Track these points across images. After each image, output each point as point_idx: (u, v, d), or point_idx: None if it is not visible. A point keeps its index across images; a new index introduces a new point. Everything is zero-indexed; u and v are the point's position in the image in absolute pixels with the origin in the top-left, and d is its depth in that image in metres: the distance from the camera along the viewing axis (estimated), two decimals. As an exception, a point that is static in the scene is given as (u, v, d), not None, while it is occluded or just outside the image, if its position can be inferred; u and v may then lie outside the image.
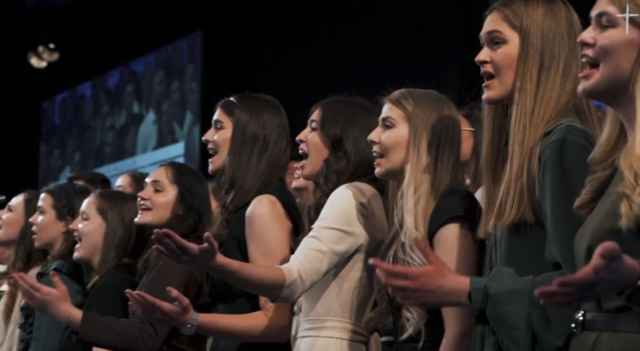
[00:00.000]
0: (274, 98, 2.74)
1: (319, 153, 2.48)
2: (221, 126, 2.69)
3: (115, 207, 3.12)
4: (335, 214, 2.34)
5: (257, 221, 2.51)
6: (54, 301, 2.72)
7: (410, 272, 1.75)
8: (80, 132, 9.58)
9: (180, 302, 2.37)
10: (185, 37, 8.27)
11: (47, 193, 3.43)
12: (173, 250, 2.14)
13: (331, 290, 2.39)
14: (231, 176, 2.62)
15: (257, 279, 2.25)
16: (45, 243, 3.38)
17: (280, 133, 2.67)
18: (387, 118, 2.27)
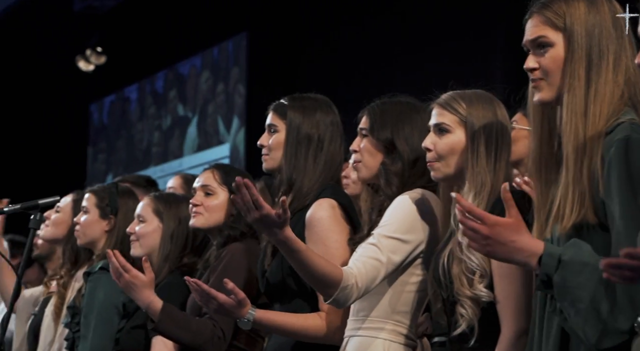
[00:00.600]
0: (324, 97, 2.74)
1: (374, 158, 2.48)
2: (275, 129, 2.70)
3: (171, 208, 3.16)
4: (396, 222, 2.34)
5: (318, 224, 2.52)
6: (139, 285, 2.77)
7: (488, 217, 1.75)
8: (126, 134, 9.69)
9: (235, 295, 2.39)
10: (230, 39, 8.32)
11: (90, 193, 3.49)
12: (247, 203, 2.15)
13: (385, 293, 2.39)
14: (289, 178, 2.63)
15: (318, 268, 2.25)
16: (88, 241, 3.44)
17: (334, 132, 2.68)
18: (441, 124, 2.26)
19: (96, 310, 3.19)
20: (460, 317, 2.12)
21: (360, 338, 2.38)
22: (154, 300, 2.78)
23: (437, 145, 2.24)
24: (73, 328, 3.30)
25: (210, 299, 2.40)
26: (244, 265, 2.83)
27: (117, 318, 3.21)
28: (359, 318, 2.41)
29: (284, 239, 2.20)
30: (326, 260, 2.32)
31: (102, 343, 3.16)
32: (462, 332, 2.13)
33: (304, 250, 2.24)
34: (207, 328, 2.77)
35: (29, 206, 3.12)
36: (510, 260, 1.82)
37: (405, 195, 2.38)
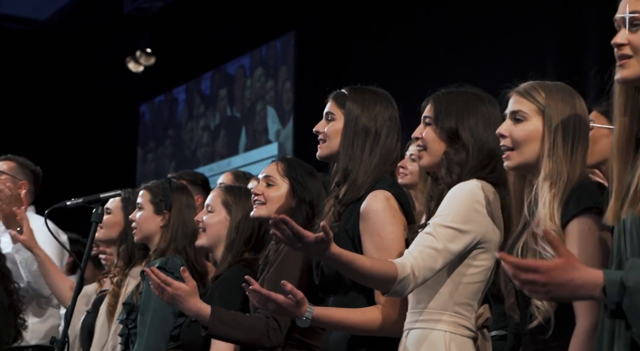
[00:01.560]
0: (385, 91, 2.73)
1: (437, 146, 2.46)
2: (332, 117, 2.71)
3: (240, 201, 3.18)
4: (453, 211, 2.32)
5: (373, 216, 2.52)
6: (184, 296, 2.76)
7: (540, 266, 1.72)
8: (175, 134, 9.77)
9: (294, 296, 2.39)
10: (278, 38, 8.34)
11: (145, 189, 3.51)
12: (289, 236, 2.17)
13: (444, 284, 2.38)
14: (344, 169, 2.63)
15: (371, 271, 2.25)
16: (144, 237, 3.45)
17: (391, 127, 2.67)
18: (518, 111, 2.23)
19: (152, 308, 3.21)
20: (535, 309, 2.10)
21: (420, 330, 2.38)
22: (201, 307, 2.77)
23: (512, 133, 2.22)
24: (129, 324, 3.32)
25: (268, 301, 2.41)
26: (301, 258, 2.83)
27: (172, 317, 3.23)
28: (418, 310, 2.40)
29: (333, 256, 2.22)
30: (378, 259, 2.33)
31: (157, 341, 3.18)
32: (538, 325, 2.11)
33: (354, 260, 2.25)
34: (260, 323, 2.78)
35: (91, 200, 3.16)
36: (575, 298, 1.83)
37: (462, 184, 2.36)
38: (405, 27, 7.01)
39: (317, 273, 2.64)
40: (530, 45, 6.00)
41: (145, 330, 3.19)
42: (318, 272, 2.63)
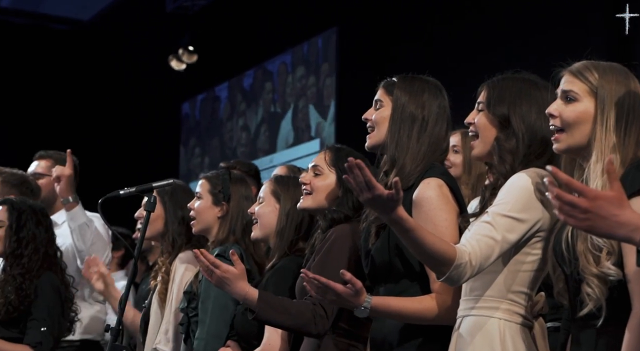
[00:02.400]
0: (436, 80, 2.72)
1: (488, 133, 2.44)
2: (380, 105, 2.70)
3: (289, 190, 3.18)
4: (511, 201, 2.29)
5: (426, 204, 2.50)
6: (232, 279, 2.76)
7: (588, 191, 1.67)
8: (218, 131, 9.82)
9: (353, 285, 2.37)
10: (320, 35, 8.35)
11: (204, 179, 3.50)
12: (360, 183, 2.14)
13: (500, 272, 2.35)
14: (391, 156, 2.62)
15: (431, 246, 2.22)
16: (203, 228, 3.45)
17: (440, 115, 2.65)
18: (569, 91, 2.18)
19: (213, 295, 3.22)
20: (586, 297, 2.06)
21: (475, 318, 2.35)
22: (249, 291, 2.76)
23: (562, 113, 2.17)
24: (189, 312, 3.33)
25: (327, 290, 2.39)
26: (348, 246, 2.82)
27: (232, 304, 3.24)
28: (473, 298, 2.38)
29: (398, 219, 2.18)
30: (439, 238, 2.29)
31: (219, 328, 3.19)
32: (589, 312, 2.06)
33: (418, 229, 2.22)
34: (307, 309, 2.77)
35: (144, 189, 3.18)
36: (611, 235, 1.74)
37: (521, 173, 2.33)
38: (447, 22, 6.98)
39: (366, 261, 2.62)
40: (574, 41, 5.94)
41: (207, 317, 3.20)
42: (368, 261, 2.61)
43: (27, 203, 3.77)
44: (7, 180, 4.22)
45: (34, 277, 3.60)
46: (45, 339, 3.55)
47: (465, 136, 3.36)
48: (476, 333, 2.34)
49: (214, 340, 3.18)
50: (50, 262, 3.68)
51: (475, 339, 2.33)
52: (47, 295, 3.61)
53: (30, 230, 3.65)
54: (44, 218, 3.73)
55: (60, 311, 3.63)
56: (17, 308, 3.57)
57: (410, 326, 2.52)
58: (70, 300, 3.73)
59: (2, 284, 3.62)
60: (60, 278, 3.70)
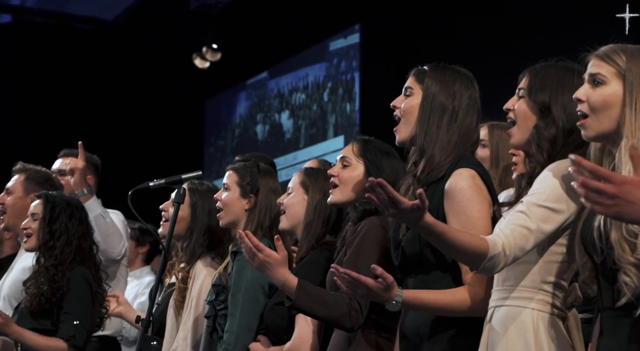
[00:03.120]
0: (467, 71, 2.68)
1: (527, 120, 2.40)
2: (410, 92, 2.65)
3: (317, 182, 3.15)
4: (547, 191, 2.27)
5: (459, 194, 2.47)
6: (274, 264, 2.75)
7: (615, 177, 1.64)
8: (241, 129, 9.84)
9: (384, 279, 2.36)
10: (344, 31, 8.34)
11: (232, 170, 3.46)
12: (384, 201, 2.13)
13: (533, 262, 2.33)
14: (420, 146, 2.58)
15: (462, 245, 2.21)
16: (230, 221, 3.40)
17: (471, 106, 2.61)
18: (596, 75, 2.13)
19: (244, 288, 3.20)
20: (624, 286, 2.01)
21: (508, 309, 2.33)
22: (289, 278, 2.76)
23: (590, 97, 2.12)
24: (217, 305, 3.32)
25: (358, 285, 2.37)
26: (379, 239, 2.80)
27: (263, 298, 3.22)
28: (505, 288, 2.35)
29: (426, 226, 2.17)
30: (470, 234, 2.28)
31: (249, 321, 3.17)
32: (627, 302, 2.02)
33: (447, 231, 2.21)
34: (343, 302, 2.75)
35: (173, 180, 3.18)
36: (638, 220, 1.71)
37: (558, 163, 2.30)
38: (471, 18, 6.95)
39: (397, 253, 2.60)
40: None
41: (238, 310, 3.18)
42: (398, 252, 2.58)
43: (63, 197, 3.80)
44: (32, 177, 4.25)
45: (66, 269, 3.62)
46: (79, 332, 3.56)
47: (493, 129, 3.32)
48: (509, 324, 2.31)
49: (244, 333, 3.16)
50: (84, 255, 3.70)
51: (509, 330, 2.31)
52: (79, 288, 3.62)
53: (63, 222, 3.67)
54: (78, 211, 3.75)
55: (91, 306, 3.64)
56: (49, 300, 3.58)
57: (441, 318, 2.50)
58: (102, 295, 3.73)
59: (36, 275, 3.65)
60: (94, 273, 3.70)
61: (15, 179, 4.27)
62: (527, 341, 2.28)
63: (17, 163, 4.31)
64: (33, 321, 3.61)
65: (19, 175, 4.27)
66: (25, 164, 4.31)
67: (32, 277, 3.67)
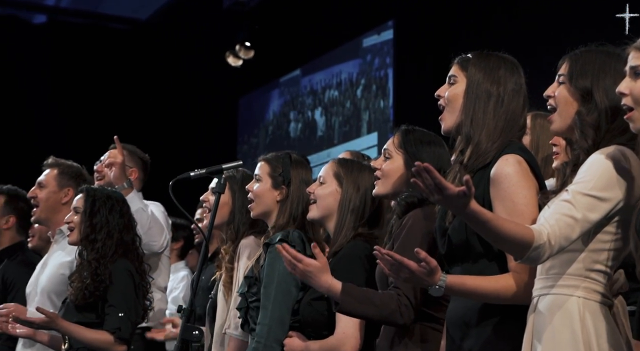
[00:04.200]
0: (512, 58, 2.65)
1: (569, 107, 2.38)
2: (454, 80, 2.63)
3: (352, 174, 3.12)
4: (593, 179, 2.24)
5: (505, 181, 2.44)
6: (315, 272, 2.74)
7: None
8: (274, 126, 9.86)
9: (427, 263, 2.34)
10: (377, 28, 8.33)
11: (264, 161, 3.44)
12: (430, 186, 2.12)
13: (579, 250, 2.30)
14: (466, 133, 2.56)
15: (507, 234, 2.20)
16: (262, 212, 3.38)
17: (517, 92, 2.58)
18: (637, 67, 2.13)
19: (276, 280, 3.18)
20: None
21: (554, 297, 2.30)
22: (332, 283, 2.73)
23: (633, 90, 2.11)
24: (249, 297, 3.30)
25: (401, 268, 2.36)
26: (423, 231, 2.78)
27: (295, 290, 3.20)
28: (550, 276, 2.32)
29: (472, 214, 2.16)
30: (515, 223, 2.26)
31: (281, 314, 3.16)
32: None
33: (493, 219, 2.19)
34: (391, 299, 2.73)
35: (214, 170, 3.18)
36: None
37: (603, 150, 2.27)
38: (505, 13, 6.90)
39: (442, 241, 2.57)
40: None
41: (270, 302, 3.16)
42: (444, 241, 2.56)
43: (104, 191, 3.81)
44: (65, 171, 4.28)
45: (108, 263, 3.63)
46: (124, 324, 3.57)
47: (535, 118, 3.30)
48: (555, 312, 2.29)
49: (276, 326, 3.15)
50: (127, 248, 3.71)
51: (555, 318, 2.28)
52: (122, 281, 3.63)
53: (104, 216, 3.69)
54: (119, 205, 3.76)
55: (134, 298, 3.65)
56: (92, 293, 3.60)
57: (487, 306, 2.47)
58: (145, 287, 3.73)
59: (79, 269, 3.67)
60: (137, 266, 3.71)
61: (48, 173, 4.29)
62: (573, 329, 2.25)
63: (49, 157, 4.34)
64: (78, 315, 3.63)
65: (51, 170, 4.30)
66: (57, 159, 4.34)
67: (76, 271, 3.69)
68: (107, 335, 3.58)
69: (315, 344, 3.05)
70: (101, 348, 3.59)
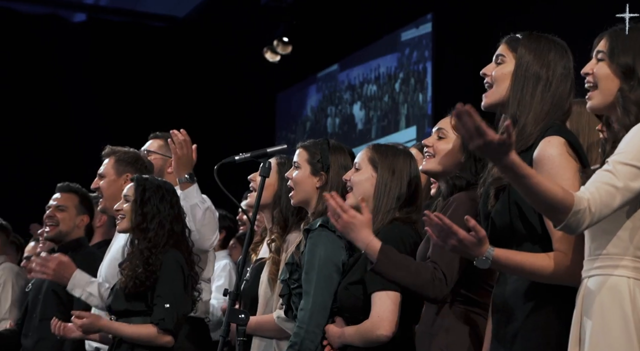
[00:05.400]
0: (562, 40, 2.62)
1: (609, 83, 2.34)
2: (502, 60, 2.61)
3: (387, 158, 3.09)
4: (633, 150, 2.21)
5: (548, 162, 2.41)
6: (358, 224, 2.74)
7: None
8: (312, 122, 9.87)
9: (477, 233, 2.32)
10: (416, 21, 8.30)
11: (302, 148, 3.43)
12: (470, 130, 2.10)
13: (623, 228, 2.25)
14: (512, 115, 2.53)
15: (547, 192, 2.16)
16: (302, 199, 3.37)
17: (565, 76, 2.55)
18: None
19: (317, 266, 3.15)
20: None
21: (603, 277, 2.26)
22: (372, 240, 2.73)
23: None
24: (291, 284, 3.28)
25: (450, 234, 2.33)
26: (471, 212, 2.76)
27: (336, 275, 3.17)
28: (596, 257, 2.29)
29: (511, 164, 2.13)
30: (556, 184, 2.22)
31: (323, 299, 3.13)
32: None
33: (533, 175, 2.16)
34: (426, 270, 2.71)
35: (259, 154, 3.17)
36: None
37: None
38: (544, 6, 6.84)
39: (486, 224, 2.53)
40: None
41: (312, 288, 3.14)
42: (488, 223, 2.53)
43: (154, 180, 3.79)
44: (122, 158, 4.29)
45: (159, 253, 3.61)
46: (168, 315, 3.53)
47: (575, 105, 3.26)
48: (605, 292, 2.25)
49: (318, 311, 3.12)
50: (177, 239, 3.68)
51: (604, 299, 2.24)
52: (171, 272, 3.60)
53: (155, 205, 3.66)
54: (168, 194, 3.73)
55: (182, 289, 3.61)
56: (143, 283, 3.58)
57: (535, 288, 2.44)
58: (194, 278, 3.70)
59: (130, 257, 3.65)
60: (187, 257, 3.68)
61: (106, 163, 4.32)
62: (623, 309, 2.21)
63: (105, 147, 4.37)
64: (127, 304, 3.61)
65: (109, 159, 4.32)
66: (113, 147, 4.35)
67: (127, 259, 3.67)
68: (150, 327, 3.55)
69: (351, 329, 3.03)
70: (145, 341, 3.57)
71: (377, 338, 2.94)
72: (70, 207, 4.56)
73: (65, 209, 4.55)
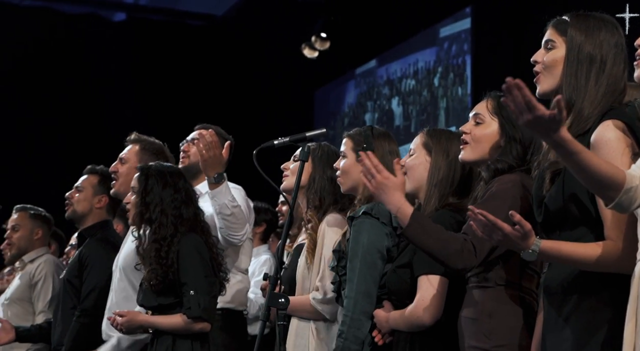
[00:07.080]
0: (611, 17, 2.56)
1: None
2: (552, 46, 2.54)
3: (440, 142, 3.09)
4: None
5: (605, 146, 2.37)
6: (391, 186, 2.73)
7: None
8: (351, 117, 9.85)
9: (522, 226, 2.29)
10: (454, 15, 8.24)
11: (347, 137, 3.47)
12: (519, 105, 2.06)
13: None
14: (568, 100, 2.47)
15: (597, 169, 2.13)
16: (350, 187, 3.41)
17: (618, 54, 2.49)
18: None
19: (361, 254, 3.16)
20: None
21: None
22: (404, 204, 2.71)
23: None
24: (339, 271, 3.30)
25: (495, 230, 2.30)
26: (512, 194, 2.71)
27: (381, 262, 3.17)
28: None
29: (561, 140, 2.10)
30: (607, 161, 2.19)
31: (367, 287, 3.13)
32: None
33: (583, 151, 2.13)
34: (457, 241, 2.66)
35: (298, 138, 3.17)
36: None
37: None
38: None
39: (539, 211, 2.49)
40: None
41: (355, 275, 3.14)
42: (541, 209, 2.48)
43: (158, 167, 3.68)
44: (147, 148, 4.29)
45: (170, 243, 3.53)
46: (194, 302, 3.50)
47: None
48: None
49: (362, 298, 3.13)
50: (191, 223, 3.59)
51: None
52: (189, 257, 3.53)
53: (157, 194, 3.56)
54: (172, 179, 3.62)
55: (204, 273, 3.55)
56: (165, 277, 3.52)
57: (588, 273, 2.39)
58: (217, 260, 3.64)
59: (143, 253, 3.58)
60: (205, 239, 3.61)
61: (129, 149, 4.31)
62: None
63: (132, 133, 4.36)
64: (158, 298, 3.58)
65: (133, 145, 4.31)
66: (139, 135, 4.34)
67: (140, 255, 3.60)
68: (178, 317, 3.52)
69: (397, 313, 3.02)
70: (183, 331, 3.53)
71: (420, 323, 2.92)
72: (88, 187, 4.57)
73: (82, 189, 4.56)
